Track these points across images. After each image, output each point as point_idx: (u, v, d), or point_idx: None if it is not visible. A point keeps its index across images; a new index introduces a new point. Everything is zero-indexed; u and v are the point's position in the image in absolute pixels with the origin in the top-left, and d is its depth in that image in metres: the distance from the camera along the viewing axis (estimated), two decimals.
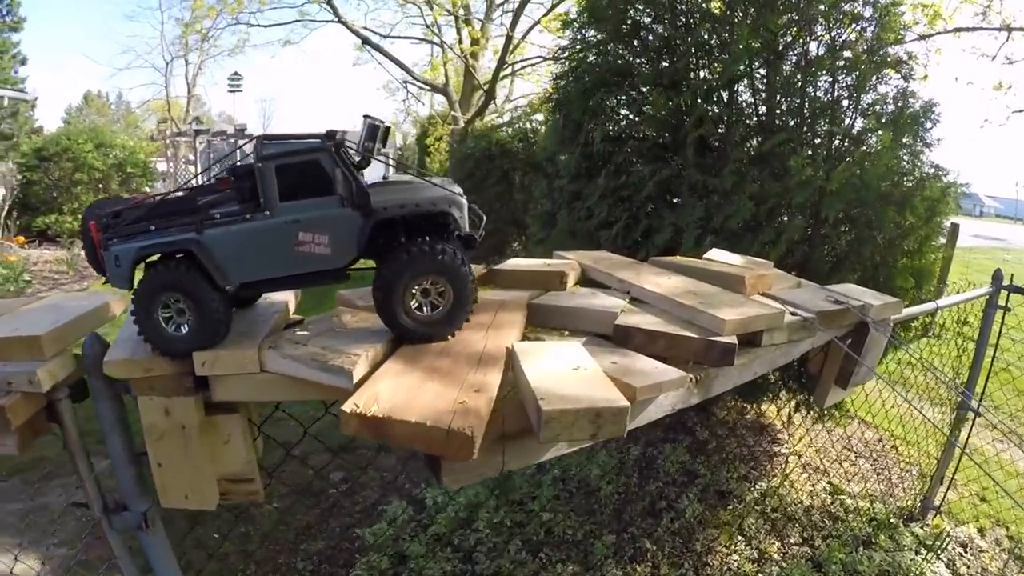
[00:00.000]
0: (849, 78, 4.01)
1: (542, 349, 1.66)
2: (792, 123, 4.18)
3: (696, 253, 3.21)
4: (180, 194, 1.76)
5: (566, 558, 3.60)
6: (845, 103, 4.13)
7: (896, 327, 3.08)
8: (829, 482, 4.49)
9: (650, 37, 4.46)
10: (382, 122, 1.79)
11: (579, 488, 4.34)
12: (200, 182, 2.07)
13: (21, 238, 11.59)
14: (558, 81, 5.11)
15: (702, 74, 4.32)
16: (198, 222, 1.59)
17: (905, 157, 4.18)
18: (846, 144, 4.13)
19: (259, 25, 17.26)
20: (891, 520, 3.96)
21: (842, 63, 3.98)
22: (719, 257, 3.00)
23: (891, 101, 4.13)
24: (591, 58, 4.69)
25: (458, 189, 1.74)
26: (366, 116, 1.75)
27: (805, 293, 2.49)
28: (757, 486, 4.33)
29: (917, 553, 3.70)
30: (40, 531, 3.88)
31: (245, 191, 1.66)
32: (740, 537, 3.77)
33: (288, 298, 2.15)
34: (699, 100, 4.12)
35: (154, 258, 1.63)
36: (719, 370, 1.79)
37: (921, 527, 3.98)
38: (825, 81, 4.09)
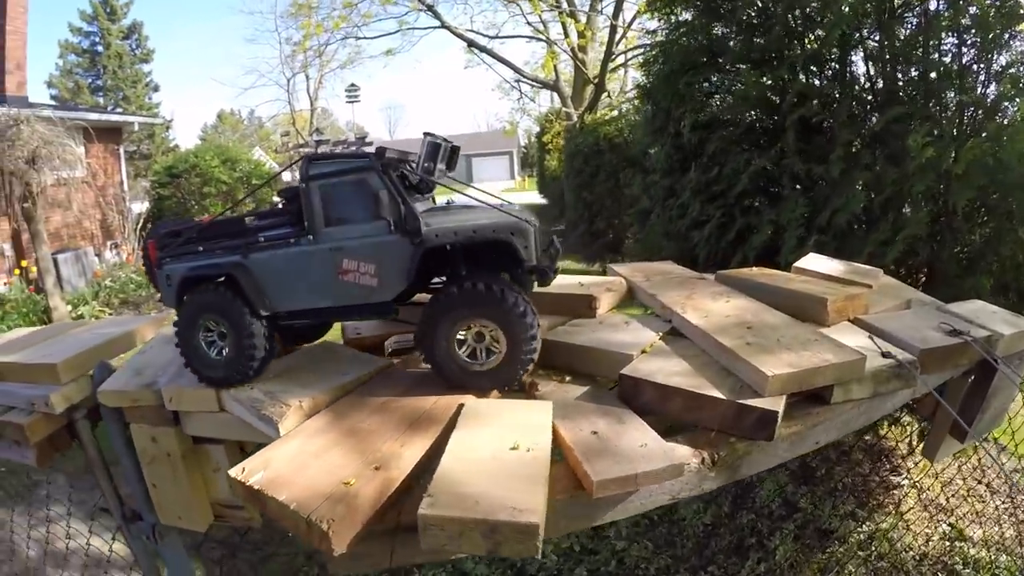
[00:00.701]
0: (977, 37, 3.25)
1: (494, 412, 1.39)
2: (912, 93, 3.45)
3: (800, 256, 2.73)
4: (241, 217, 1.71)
5: None
6: (974, 67, 3.37)
7: None
8: (951, 524, 3.76)
9: (740, 4, 3.87)
10: (446, 140, 1.64)
11: (663, 515, 3.93)
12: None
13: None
14: (646, 68, 4.64)
15: (804, 44, 3.70)
16: (244, 245, 1.55)
17: None
18: (978, 116, 3.36)
19: (364, 38, 17.60)
20: None
21: (966, 20, 3.22)
22: (813, 265, 2.50)
23: None
24: (679, 39, 4.19)
25: (528, 215, 1.53)
26: (427, 134, 1.59)
27: (912, 318, 1.96)
28: (865, 526, 3.71)
29: None
30: None
31: (294, 214, 1.57)
32: None
33: None
34: (799, 74, 3.52)
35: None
36: (755, 443, 1.36)
37: None
38: (950, 44, 3.34)
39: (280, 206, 1.71)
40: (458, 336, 1.46)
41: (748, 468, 1.38)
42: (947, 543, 3.58)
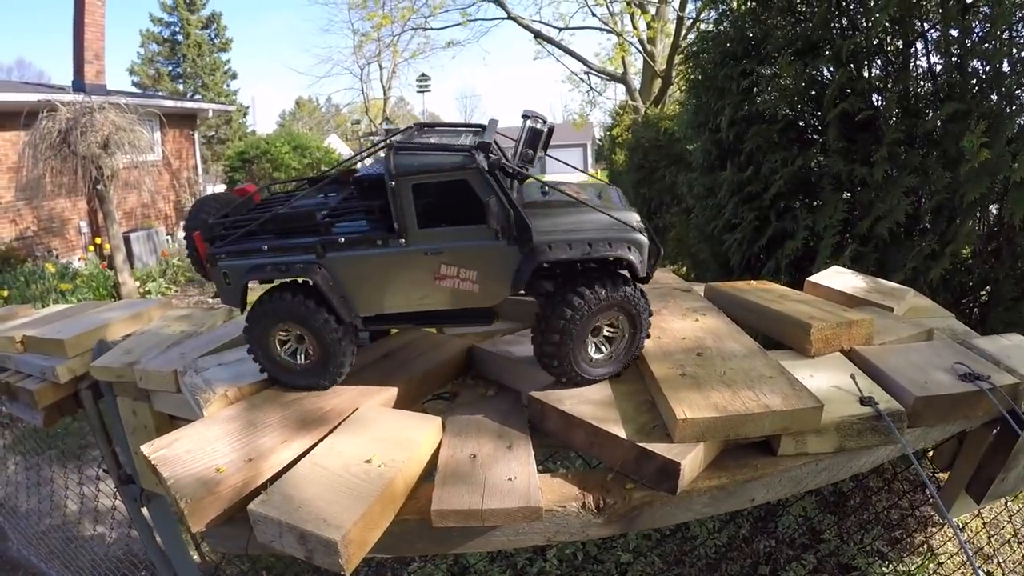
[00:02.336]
0: None
1: (377, 421, 1.32)
2: (974, 88, 3.07)
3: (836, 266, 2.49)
4: (302, 205, 1.50)
5: None
6: None
7: None
8: (990, 573, 3.37)
9: None
10: (544, 121, 1.51)
11: (675, 531, 3.72)
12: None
13: None
14: (691, 60, 4.37)
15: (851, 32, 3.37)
16: (320, 243, 1.36)
17: None
18: None
19: (431, 28, 17.67)
20: None
21: None
22: (830, 281, 2.26)
23: None
24: (722, 28, 3.91)
25: (634, 217, 1.38)
26: (527, 115, 1.48)
27: (923, 354, 1.67)
28: (893, 567, 3.38)
29: None
30: None
31: (374, 208, 1.40)
32: None
33: None
34: (844, 64, 3.20)
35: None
36: (659, 493, 1.17)
37: None
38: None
39: (346, 181, 1.57)
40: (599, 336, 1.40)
41: (649, 520, 1.19)
42: None
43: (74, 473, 4.15)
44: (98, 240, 10.10)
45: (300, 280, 1.40)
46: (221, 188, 14.81)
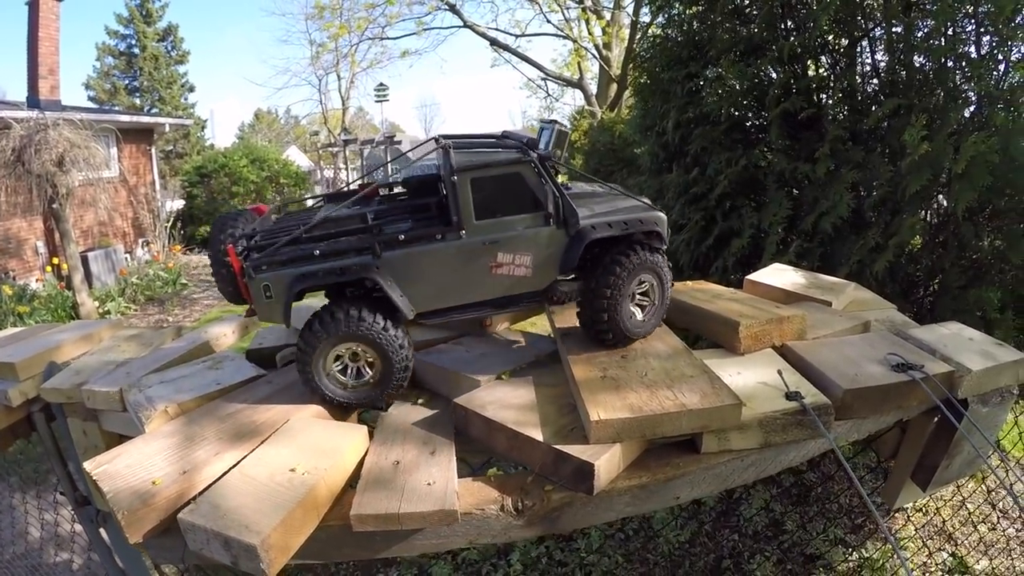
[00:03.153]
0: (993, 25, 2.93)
1: (305, 431, 1.34)
2: (916, 84, 3.14)
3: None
4: (344, 210, 1.54)
5: None
6: (997, 55, 3.03)
7: None
8: (952, 553, 3.44)
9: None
10: (564, 126, 1.61)
11: (638, 530, 3.74)
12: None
13: (178, 247, 12.82)
14: (638, 64, 4.42)
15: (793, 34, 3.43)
16: (373, 243, 1.38)
17: None
18: (986, 107, 3.03)
19: (388, 38, 17.69)
20: None
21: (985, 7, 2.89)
22: (769, 278, 2.29)
23: None
24: (670, 32, 3.96)
25: (646, 200, 1.57)
26: (552, 121, 1.59)
27: (856, 347, 1.71)
28: (855, 553, 3.43)
29: None
30: None
31: (430, 204, 1.48)
32: None
33: (226, 331, 2.16)
34: (786, 65, 3.26)
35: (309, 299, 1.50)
36: (577, 495, 1.19)
37: None
38: (970, 31, 3.02)
39: (374, 193, 1.63)
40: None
41: (571, 521, 1.21)
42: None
43: (34, 499, 4.06)
44: (55, 260, 9.85)
45: (349, 293, 1.43)
46: (180, 204, 14.58)
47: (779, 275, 2.33)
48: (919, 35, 3.13)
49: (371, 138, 20.41)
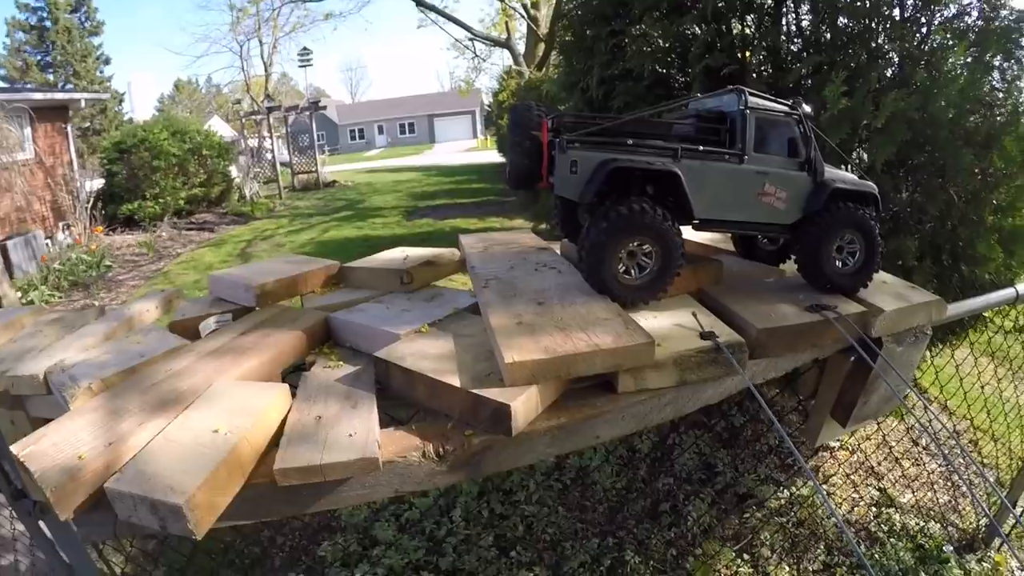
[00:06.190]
0: None
1: (228, 394, 1.34)
2: (839, 43, 3.26)
3: None
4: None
5: (536, 561, 3.17)
6: (920, 18, 3.18)
7: None
8: (880, 488, 3.68)
9: None
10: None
11: (576, 479, 3.85)
12: None
13: (100, 228, 12.20)
14: (563, 21, 4.41)
15: None
16: (680, 149, 1.58)
17: (996, 82, 3.19)
18: (907, 65, 3.18)
19: (311, 0, 17.03)
20: (943, 549, 3.14)
21: None
22: (689, 235, 2.35)
23: (974, 12, 3.15)
24: None
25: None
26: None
27: (772, 291, 1.80)
28: (786, 491, 3.63)
29: None
30: None
31: (720, 131, 1.69)
32: (746, 556, 3.15)
33: (148, 306, 2.12)
34: (708, 23, 3.31)
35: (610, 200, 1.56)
36: (497, 438, 1.22)
37: (980, 559, 3.12)
38: None
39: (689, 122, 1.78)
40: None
41: (494, 464, 1.25)
42: (875, 509, 3.51)
43: None
44: None
45: (641, 191, 1.58)
46: (99, 183, 13.84)
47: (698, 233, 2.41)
48: None
49: (295, 104, 19.80)
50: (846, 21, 3.35)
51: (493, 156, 23.57)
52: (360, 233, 11.94)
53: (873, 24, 3.24)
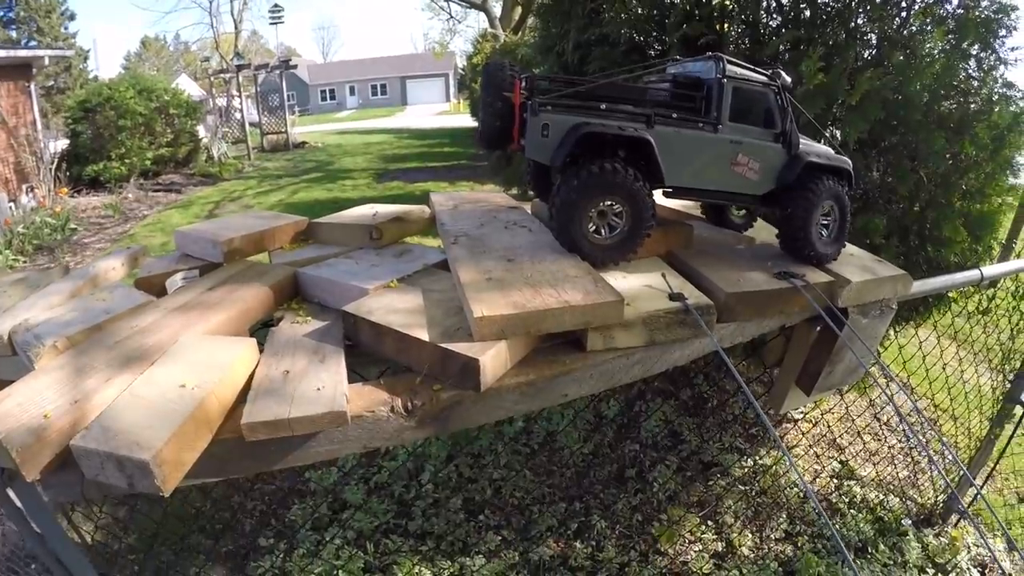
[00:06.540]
0: None
1: (195, 349, 1.31)
2: (817, 19, 3.27)
3: None
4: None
5: (504, 524, 3.22)
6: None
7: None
8: (841, 461, 3.79)
9: None
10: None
11: (544, 444, 3.90)
12: None
13: (65, 190, 11.84)
14: None
15: None
16: (650, 114, 1.57)
17: (972, 70, 3.23)
18: (884, 48, 3.20)
19: None
20: (901, 522, 3.25)
21: None
22: (662, 201, 2.37)
23: (954, 0, 3.18)
24: None
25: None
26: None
27: (742, 257, 1.82)
28: (749, 460, 3.72)
29: (922, 573, 2.97)
30: None
31: (696, 98, 1.66)
32: (710, 523, 3.23)
33: (114, 264, 2.06)
34: None
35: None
36: (466, 393, 1.22)
37: (937, 534, 3.21)
38: None
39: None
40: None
41: (462, 419, 1.25)
42: (836, 481, 3.61)
43: None
44: None
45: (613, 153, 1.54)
46: (64, 143, 13.41)
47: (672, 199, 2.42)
48: None
49: (266, 63, 19.31)
50: (826, 0, 3.36)
51: (466, 120, 23.32)
52: (330, 195, 11.81)
53: (853, 4, 3.26)
